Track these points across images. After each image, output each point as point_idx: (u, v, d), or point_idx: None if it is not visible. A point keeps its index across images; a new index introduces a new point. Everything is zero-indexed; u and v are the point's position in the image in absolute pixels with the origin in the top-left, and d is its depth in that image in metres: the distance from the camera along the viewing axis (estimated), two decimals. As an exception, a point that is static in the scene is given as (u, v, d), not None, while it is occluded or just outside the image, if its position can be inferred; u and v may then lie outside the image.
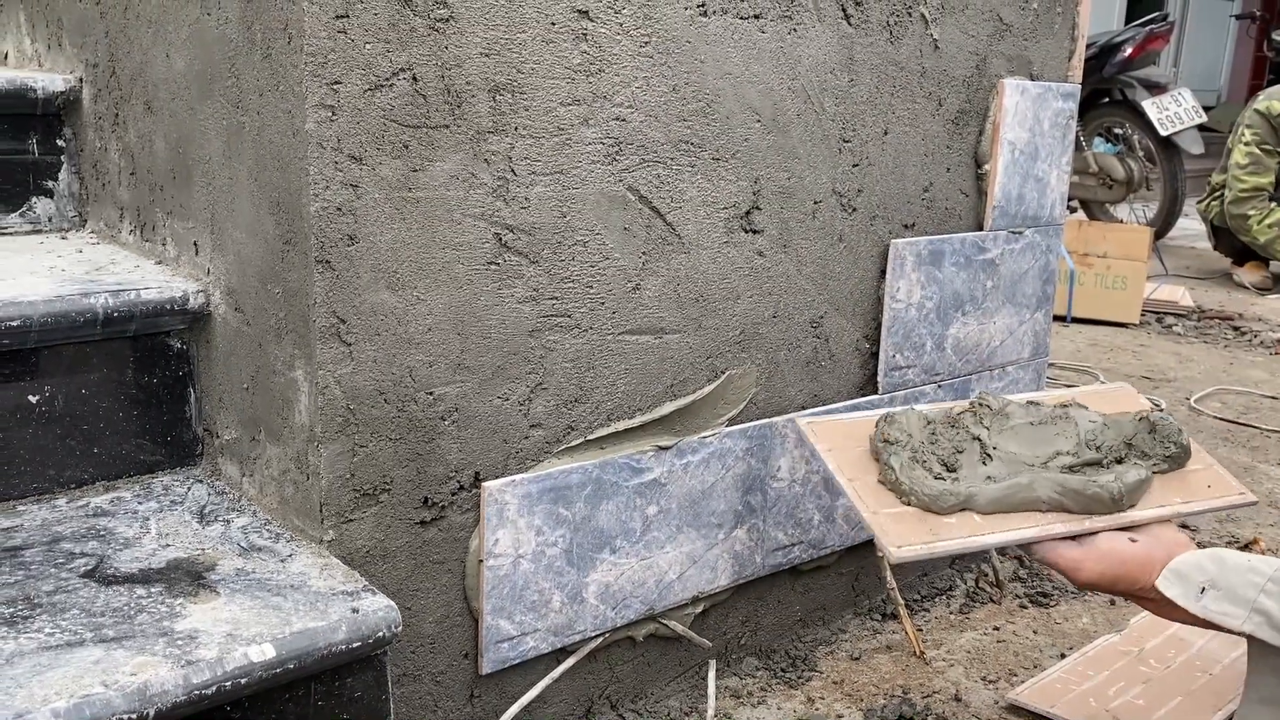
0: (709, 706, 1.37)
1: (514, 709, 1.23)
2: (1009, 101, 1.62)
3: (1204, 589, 1.02)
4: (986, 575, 1.78)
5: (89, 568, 1.00)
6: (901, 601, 1.58)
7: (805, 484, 1.47)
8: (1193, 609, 1.02)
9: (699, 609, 1.40)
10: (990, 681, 1.49)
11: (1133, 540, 1.12)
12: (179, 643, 0.88)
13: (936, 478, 1.18)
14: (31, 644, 0.86)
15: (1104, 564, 1.09)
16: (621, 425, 1.26)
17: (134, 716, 0.81)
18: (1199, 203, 4.78)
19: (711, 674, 1.41)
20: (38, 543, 1.04)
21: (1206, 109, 5.27)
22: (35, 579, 0.97)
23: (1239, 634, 1.00)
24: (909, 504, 1.17)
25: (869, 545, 1.60)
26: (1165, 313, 3.94)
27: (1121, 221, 5.11)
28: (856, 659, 1.53)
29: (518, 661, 1.22)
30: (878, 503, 1.18)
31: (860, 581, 1.65)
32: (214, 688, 0.85)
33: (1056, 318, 3.47)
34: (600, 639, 1.30)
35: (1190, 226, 5.73)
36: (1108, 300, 3.76)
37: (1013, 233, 1.69)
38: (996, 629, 1.63)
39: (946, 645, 1.58)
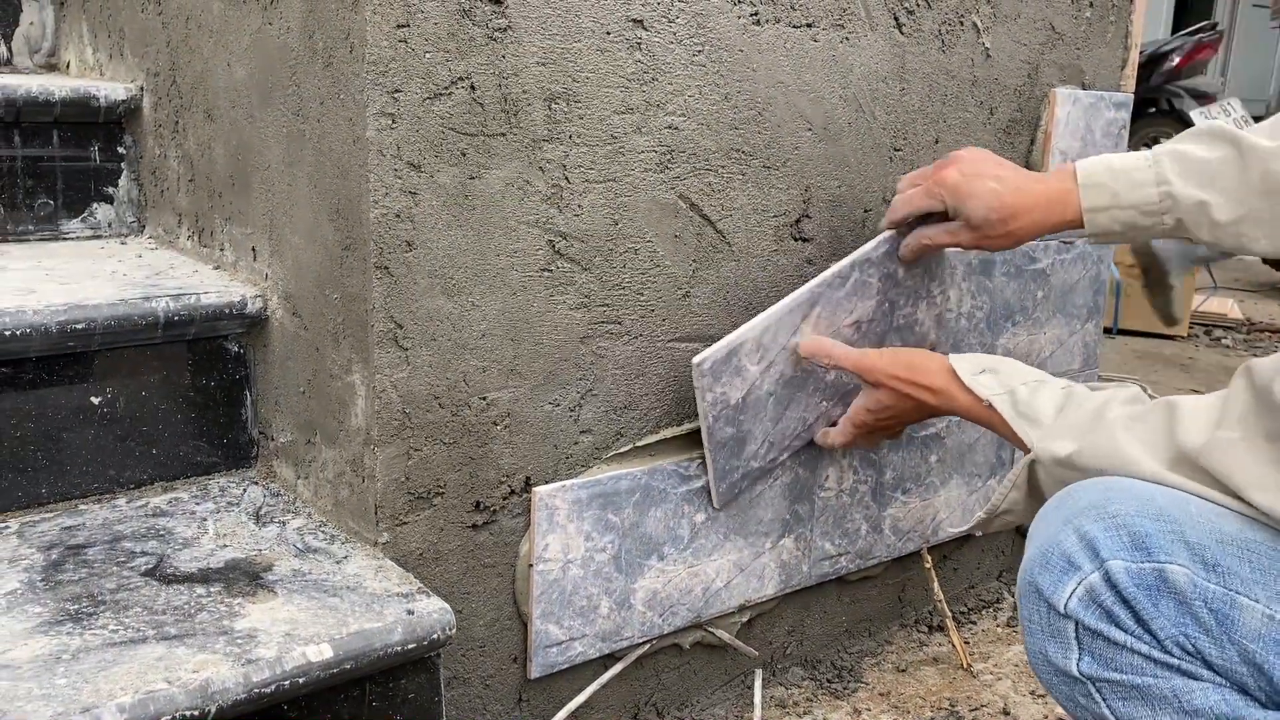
0: (755, 715, 1.37)
1: (562, 714, 1.23)
2: (1061, 111, 1.61)
3: (984, 371, 1.13)
4: (1034, 588, 1.76)
5: (149, 566, 1.02)
6: (949, 613, 1.57)
7: (853, 494, 1.47)
8: (967, 381, 1.13)
9: (745, 618, 1.40)
10: (1039, 696, 1.47)
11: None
12: (239, 641, 0.89)
13: None
14: (96, 640, 0.88)
15: (894, 358, 1.21)
16: (670, 432, 1.26)
17: (195, 713, 0.82)
18: (1248, 215, 4.70)
19: (758, 683, 1.41)
20: (99, 541, 1.06)
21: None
22: (98, 577, 0.99)
23: (985, 402, 1.10)
24: None
25: (916, 556, 1.59)
26: (1213, 325, 3.89)
27: (1168, 233, 5.02)
28: (903, 671, 1.52)
29: (565, 666, 1.22)
30: None
31: (907, 593, 1.64)
32: (273, 686, 0.86)
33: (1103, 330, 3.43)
34: (647, 646, 1.30)
35: (1238, 238, 5.63)
36: (1155, 312, 3.71)
37: (1064, 243, 1.68)
38: (1045, 643, 1.61)
39: (994, 658, 1.57)
